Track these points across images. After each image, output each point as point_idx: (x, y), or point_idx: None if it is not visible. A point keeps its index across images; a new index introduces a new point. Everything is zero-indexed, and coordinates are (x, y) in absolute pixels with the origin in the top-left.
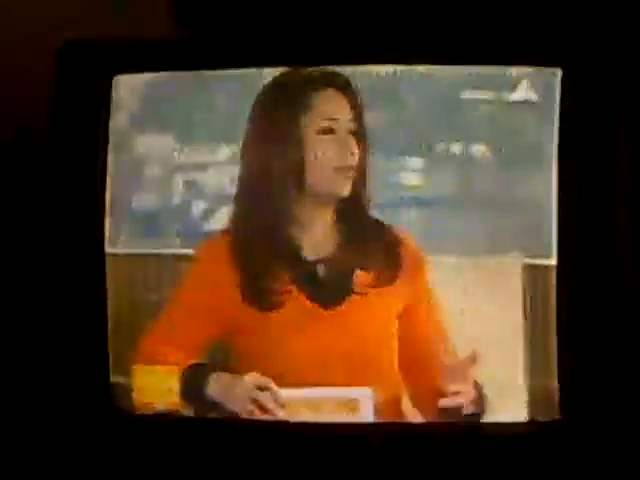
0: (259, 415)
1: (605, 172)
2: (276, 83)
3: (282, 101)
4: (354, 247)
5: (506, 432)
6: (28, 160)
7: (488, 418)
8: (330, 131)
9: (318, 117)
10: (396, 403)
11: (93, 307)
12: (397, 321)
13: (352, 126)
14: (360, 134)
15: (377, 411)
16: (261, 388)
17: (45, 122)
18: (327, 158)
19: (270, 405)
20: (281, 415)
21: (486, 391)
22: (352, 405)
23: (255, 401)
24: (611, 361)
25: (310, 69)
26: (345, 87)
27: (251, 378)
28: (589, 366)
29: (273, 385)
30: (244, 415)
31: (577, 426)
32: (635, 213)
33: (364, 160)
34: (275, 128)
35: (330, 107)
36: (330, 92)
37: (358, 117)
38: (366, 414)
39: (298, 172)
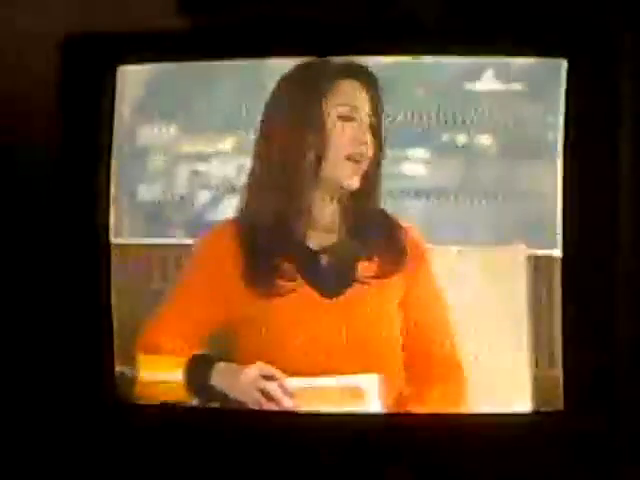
0: (266, 404)
1: (609, 163)
2: (300, 69)
3: (305, 85)
4: (358, 237)
5: (510, 422)
6: (32, 153)
7: (492, 407)
8: (348, 118)
9: (339, 103)
10: (401, 390)
11: (98, 297)
12: (400, 310)
13: (369, 120)
14: (376, 130)
15: (383, 398)
16: (267, 377)
17: (48, 117)
18: (341, 144)
19: (277, 394)
20: (288, 404)
21: (490, 382)
22: (358, 392)
23: (262, 390)
24: (615, 352)
25: (336, 59)
26: (369, 81)
27: (257, 368)
28: (594, 357)
29: (280, 374)
30: (250, 405)
31: (581, 417)
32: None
33: (377, 157)
34: (296, 111)
35: (352, 96)
36: (354, 83)
37: (376, 113)
38: (372, 401)
39: (316, 154)
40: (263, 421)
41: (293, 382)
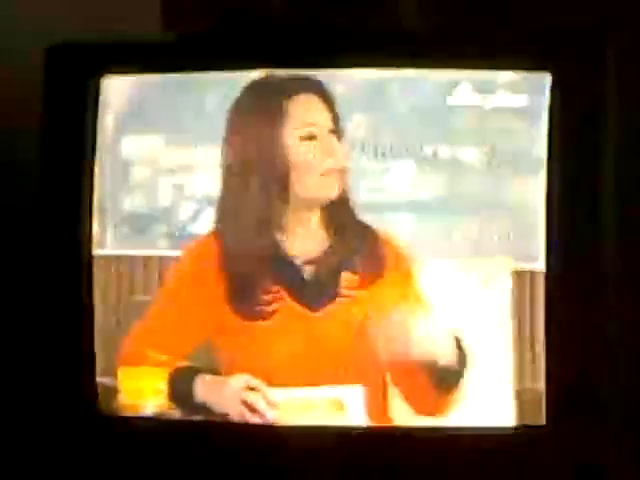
0: (249, 416)
1: (593, 176)
2: (252, 90)
3: (259, 109)
4: (341, 249)
5: (493, 436)
6: (14, 162)
7: (475, 421)
8: (311, 137)
9: (297, 124)
10: (384, 402)
11: (80, 308)
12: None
13: (332, 127)
14: (340, 135)
15: (366, 410)
16: (251, 389)
17: (31, 126)
18: (312, 164)
19: (260, 406)
20: (271, 416)
21: (473, 395)
22: (341, 404)
23: (245, 402)
24: (599, 366)
25: (284, 76)
26: (320, 91)
27: (240, 379)
28: (577, 371)
29: (263, 385)
30: (234, 416)
31: (563, 431)
32: (624, 218)
33: (347, 164)
34: (255, 136)
35: (308, 113)
36: (306, 97)
37: (336, 119)
38: (355, 413)
39: (282, 180)
40: (246, 434)
41: (276, 394)
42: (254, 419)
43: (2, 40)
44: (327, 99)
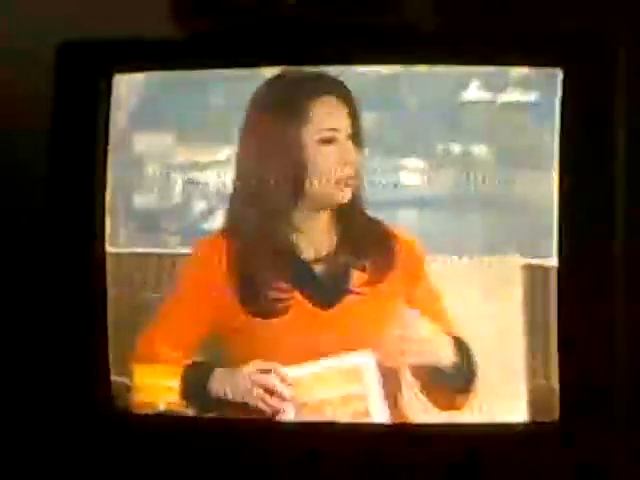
0: (268, 399)
1: (605, 172)
2: (272, 87)
3: (279, 108)
4: (351, 246)
5: (505, 432)
6: (26, 161)
7: (487, 417)
8: (330, 141)
9: (317, 127)
10: (397, 399)
11: (93, 306)
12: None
13: (351, 130)
14: (358, 137)
15: (381, 378)
16: (265, 371)
17: (43, 124)
18: (327, 168)
19: (277, 386)
20: (288, 394)
21: (486, 391)
22: (356, 373)
23: (261, 385)
24: (612, 362)
25: (306, 74)
26: (342, 93)
27: (254, 364)
28: (590, 367)
29: (277, 366)
30: (251, 402)
31: (577, 427)
32: (636, 214)
33: (362, 162)
34: (273, 135)
35: (329, 116)
36: (327, 99)
37: (356, 122)
38: (371, 381)
39: (297, 180)
40: (259, 430)
41: (292, 372)
42: (272, 401)
43: (10, 39)
44: (349, 102)
